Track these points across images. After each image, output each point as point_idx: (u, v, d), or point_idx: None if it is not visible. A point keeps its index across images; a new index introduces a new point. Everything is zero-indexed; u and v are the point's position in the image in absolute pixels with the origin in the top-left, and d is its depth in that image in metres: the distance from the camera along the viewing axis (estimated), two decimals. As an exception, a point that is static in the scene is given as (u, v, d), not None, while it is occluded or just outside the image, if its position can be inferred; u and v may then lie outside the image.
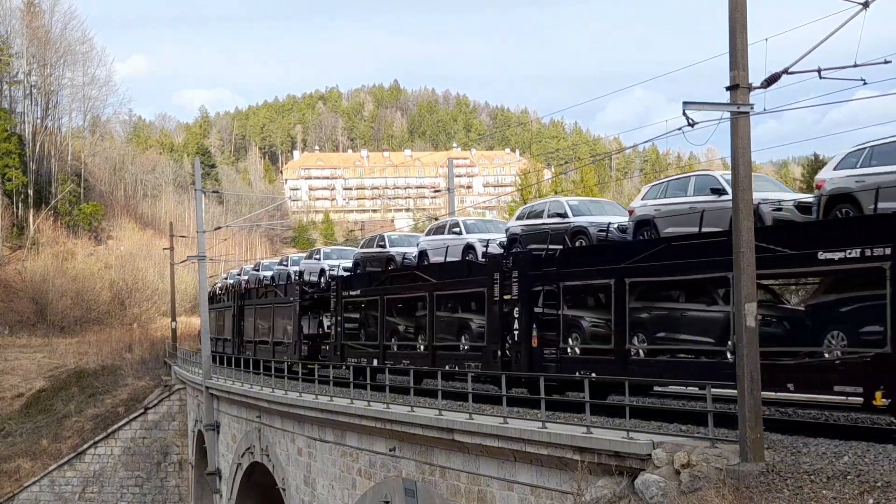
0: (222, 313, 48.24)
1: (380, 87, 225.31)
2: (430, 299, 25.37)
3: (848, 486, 11.39)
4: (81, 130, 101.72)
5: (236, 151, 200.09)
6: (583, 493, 14.72)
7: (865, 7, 12.70)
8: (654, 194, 20.47)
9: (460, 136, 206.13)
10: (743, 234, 13.07)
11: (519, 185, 79.48)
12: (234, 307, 43.92)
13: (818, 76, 13.08)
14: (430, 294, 25.39)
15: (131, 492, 51.02)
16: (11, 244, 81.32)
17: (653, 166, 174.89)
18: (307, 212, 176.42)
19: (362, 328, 29.96)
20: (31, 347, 65.19)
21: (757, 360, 13.07)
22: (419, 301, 26.56)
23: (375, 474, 23.00)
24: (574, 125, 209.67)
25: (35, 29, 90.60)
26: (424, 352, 25.83)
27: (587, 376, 17.07)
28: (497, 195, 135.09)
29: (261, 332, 40.04)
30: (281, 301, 36.94)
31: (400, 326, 27.74)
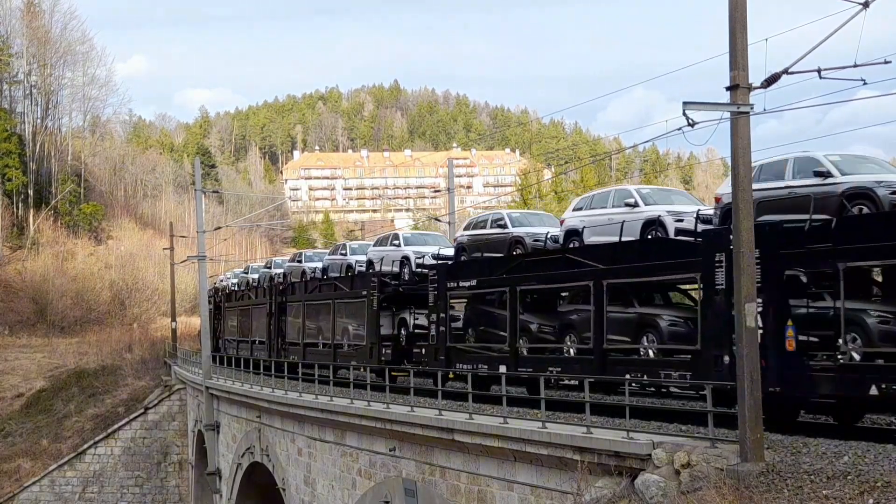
0: (248, 312, 44.18)
1: (380, 87, 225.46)
2: (595, 290, 19.81)
3: (848, 486, 11.39)
4: (81, 130, 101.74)
5: (236, 151, 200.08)
6: (583, 493, 14.72)
7: (865, 7, 12.70)
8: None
9: (460, 136, 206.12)
10: (743, 234, 13.07)
11: (519, 185, 79.50)
12: (271, 304, 39.05)
13: (818, 76, 13.07)
14: (595, 283, 19.84)
15: (131, 492, 51.01)
16: (11, 244, 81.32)
17: (653, 166, 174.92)
18: (307, 212, 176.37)
19: (477, 327, 24.92)
20: (31, 347, 65.19)
21: (757, 359, 13.08)
22: (576, 292, 21.64)
23: (375, 474, 22.99)
24: (574, 125, 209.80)
25: (35, 29, 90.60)
26: (585, 356, 20.11)
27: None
28: (497, 195, 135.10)
29: (313, 333, 35.07)
30: (347, 296, 31.71)
31: (538, 325, 22.48)
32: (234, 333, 46.74)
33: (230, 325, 48.12)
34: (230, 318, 48.35)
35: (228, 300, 49.57)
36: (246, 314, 44.48)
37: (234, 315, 47.36)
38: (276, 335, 38.28)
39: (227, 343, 48.20)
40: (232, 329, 47.51)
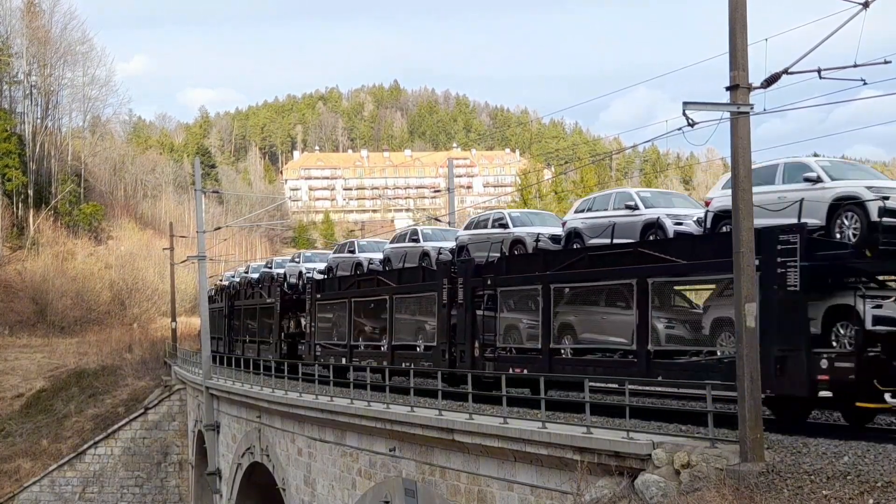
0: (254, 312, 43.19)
1: (380, 87, 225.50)
2: None
3: (848, 486, 11.39)
4: (81, 130, 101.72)
5: (236, 151, 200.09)
6: (583, 494, 14.72)
7: (865, 7, 12.70)
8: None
9: (460, 136, 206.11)
10: (743, 234, 13.07)
11: (519, 185, 79.51)
12: (311, 302, 33.70)
13: (818, 76, 13.07)
14: None
15: (131, 492, 51.00)
16: (11, 244, 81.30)
17: (653, 166, 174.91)
18: (307, 212, 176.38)
19: None
20: (31, 347, 65.17)
21: (757, 359, 13.08)
22: None
23: (375, 474, 23.00)
24: (574, 125, 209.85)
25: (35, 29, 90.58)
26: None
27: None
28: (497, 195, 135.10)
29: (363, 334, 30.34)
30: (413, 290, 26.89)
31: None
32: (244, 333, 44.98)
33: (246, 325, 45.01)
34: (241, 317, 45.86)
35: (237, 298, 47.37)
36: (252, 314, 43.01)
37: (243, 314, 45.41)
38: (310, 336, 33.70)
39: (239, 343, 45.75)
40: (249, 328, 44.26)
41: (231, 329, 47.26)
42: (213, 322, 48.85)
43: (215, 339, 48.57)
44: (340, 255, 34.46)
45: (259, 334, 41.25)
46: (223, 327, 47.87)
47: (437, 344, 24.50)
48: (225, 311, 47.76)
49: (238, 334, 45.83)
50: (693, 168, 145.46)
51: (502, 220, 24.98)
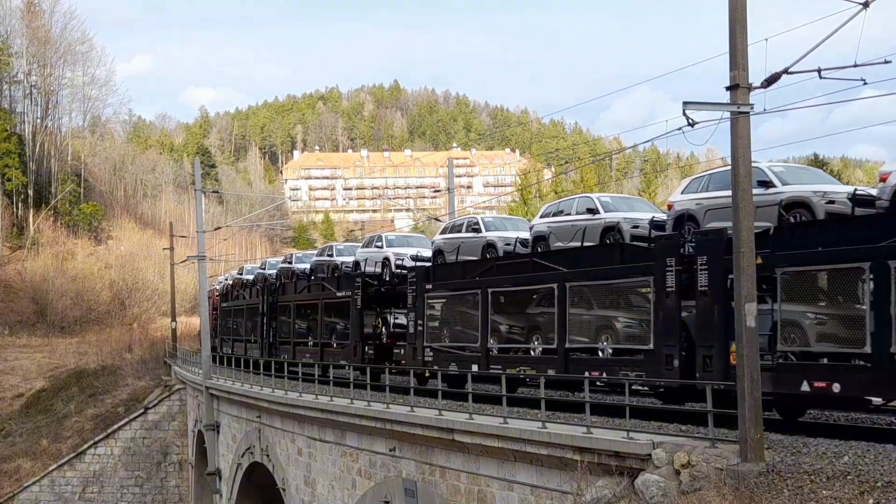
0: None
1: (380, 87, 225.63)
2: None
3: (848, 486, 11.39)
4: (81, 130, 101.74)
5: (236, 151, 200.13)
6: (583, 493, 14.72)
7: (865, 7, 12.70)
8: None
9: (460, 136, 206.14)
10: (743, 234, 13.07)
11: (519, 185, 79.51)
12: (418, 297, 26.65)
13: (818, 76, 13.07)
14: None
15: (131, 492, 51.01)
16: (11, 244, 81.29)
17: (653, 166, 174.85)
18: (307, 212, 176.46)
19: None
20: (31, 347, 65.17)
21: (757, 359, 13.08)
22: None
23: (375, 474, 23.00)
24: (574, 125, 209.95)
25: (35, 29, 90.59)
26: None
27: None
28: (497, 195, 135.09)
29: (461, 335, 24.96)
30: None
31: None
32: (297, 335, 37.44)
33: (300, 324, 37.53)
34: (292, 315, 37.87)
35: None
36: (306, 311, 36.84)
37: (295, 313, 37.43)
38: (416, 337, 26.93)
39: (288, 347, 38.88)
40: (306, 329, 36.93)
41: (273, 330, 39.22)
42: (230, 322, 48.28)
43: (232, 341, 46.76)
44: (456, 236, 27.66)
45: (324, 335, 33.53)
46: (258, 328, 40.49)
47: (655, 347, 17.68)
48: (262, 310, 39.89)
49: (286, 336, 37.87)
50: (693, 168, 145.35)
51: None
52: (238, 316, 46.39)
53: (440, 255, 27.12)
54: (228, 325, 48.85)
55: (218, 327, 50.65)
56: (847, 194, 16.10)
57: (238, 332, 46.05)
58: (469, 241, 26.43)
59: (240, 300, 46.39)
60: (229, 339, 47.91)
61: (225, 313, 50.33)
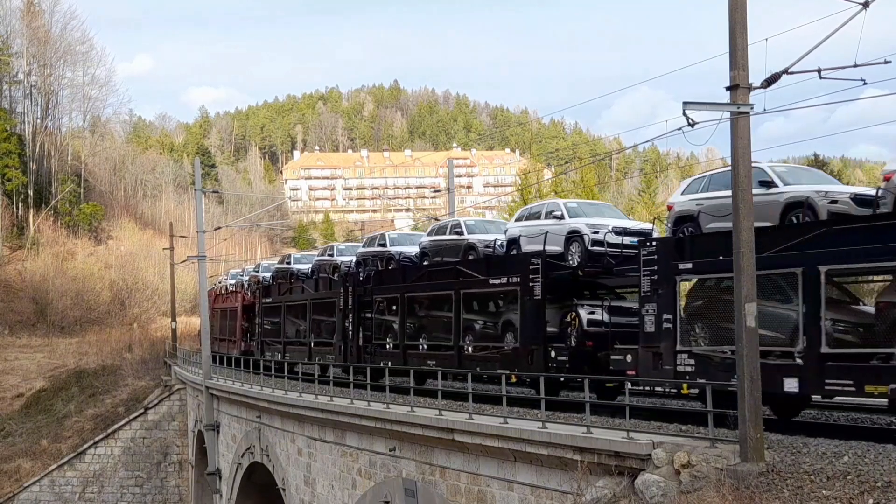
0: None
1: (380, 87, 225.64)
2: None
3: (848, 486, 11.39)
4: (81, 130, 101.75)
5: (236, 151, 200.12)
6: (583, 493, 14.72)
7: (865, 7, 12.70)
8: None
9: (460, 136, 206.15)
10: (743, 234, 13.06)
11: (519, 185, 79.50)
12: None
13: (818, 76, 13.07)
14: None
15: (131, 492, 51.02)
16: (11, 244, 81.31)
17: (653, 166, 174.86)
18: (307, 212, 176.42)
19: None
20: (31, 347, 65.18)
21: (757, 359, 13.08)
22: None
23: (375, 474, 23.00)
24: (574, 125, 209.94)
25: (35, 29, 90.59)
26: None
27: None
28: (497, 195, 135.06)
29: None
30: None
31: None
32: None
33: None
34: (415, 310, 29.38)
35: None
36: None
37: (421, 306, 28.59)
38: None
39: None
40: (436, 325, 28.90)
41: (364, 330, 30.36)
42: (282, 322, 38.30)
43: (285, 344, 37.86)
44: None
45: (467, 336, 24.92)
46: (339, 328, 31.65)
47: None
48: (344, 305, 31.01)
49: (389, 337, 28.96)
50: (693, 168, 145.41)
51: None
52: (296, 314, 36.78)
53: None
54: (278, 326, 38.97)
55: (257, 328, 42.04)
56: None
57: (296, 333, 36.89)
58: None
59: (296, 295, 37.04)
60: (278, 342, 38.75)
61: (270, 311, 40.03)
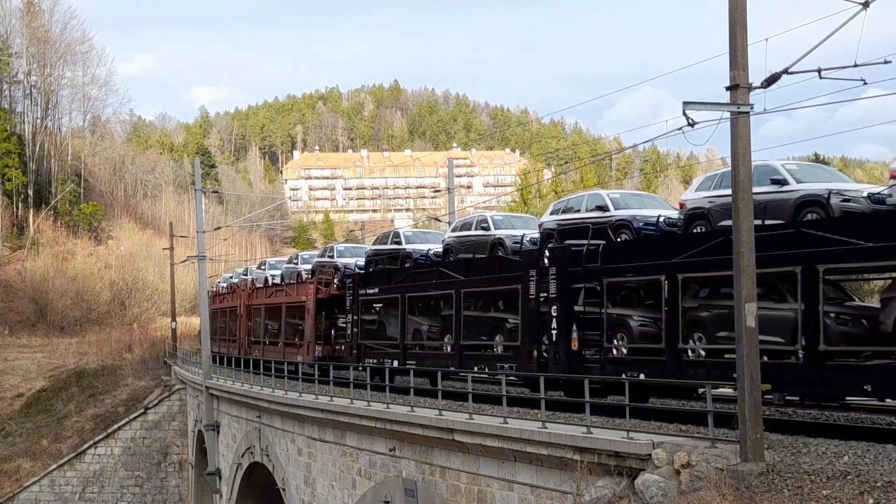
0: None
1: (380, 87, 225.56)
2: None
3: (848, 486, 11.39)
4: (81, 130, 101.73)
5: (236, 151, 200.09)
6: (583, 493, 14.72)
7: (865, 7, 12.69)
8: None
9: (460, 136, 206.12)
10: (743, 234, 13.06)
11: (519, 185, 79.53)
12: None
13: (818, 76, 13.07)
14: None
15: (131, 492, 51.02)
16: (11, 244, 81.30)
17: (653, 166, 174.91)
18: (307, 212, 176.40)
19: None
20: (31, 347, 65.18)
21: (757, 359, 13.08)
22: None
23: (375, 474, 22.99)
24: (574, 125, 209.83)
25: (35, 29, 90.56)
26: None
27: None
28: (497, 195, 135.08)
29: None
30: None
31: None
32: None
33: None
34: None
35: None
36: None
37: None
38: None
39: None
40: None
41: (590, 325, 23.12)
42: (402, 320, 28.39)
43: (417, 350, 27.63)
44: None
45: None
46: (531, 326, 22.66)
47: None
48: (551, 294, 21.51)
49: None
50: (693, 168, 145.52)
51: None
52: (429, 308, 27.75)
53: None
54: (386, 324, 29.73)
55: (350, 329, 30.92)
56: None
57: (428, 333, 27.59)
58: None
59: (426, 281, 27.32)
60: (389, 346, 28.93)
61: (370, 305, 30.40)
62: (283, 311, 38.00)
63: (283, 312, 37.96)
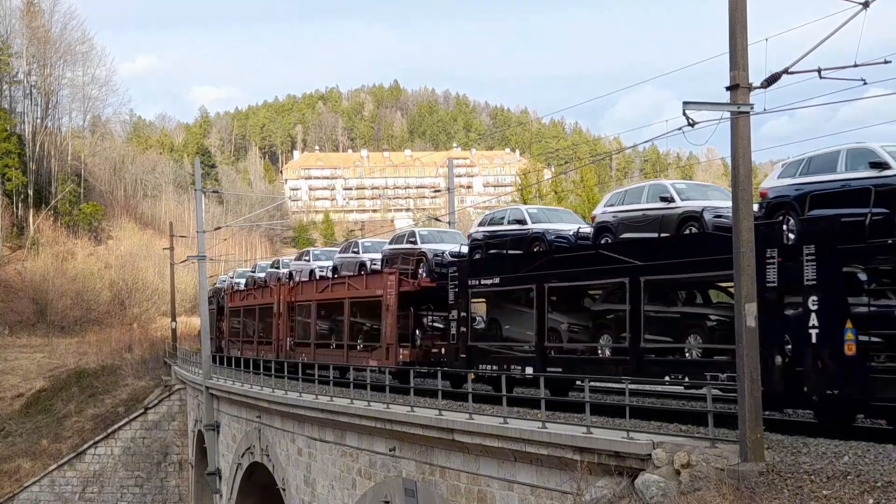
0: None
1: (380, 87, 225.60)
2: None
3: (848, 486, 11.39)
4: (81, 130, 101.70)
5: (236, 151, 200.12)
6: (583, 493, 14.71)
7: (865, 7, 12.69)
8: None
9: (460, 136, 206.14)
10: (743, 234, 13.06)
11: (519, 185, 79.51)
12: None
13: (818, 76, 13.07)
14: None
15: (131, 492, 51.01)
16: (11, 244, 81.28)
17: (653, 166, 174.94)
18: (307, 212, 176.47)
19: None
20: (31, 347, 65.17)
21: (757, 359, 13.07)
22: None
23: (375, 474, 22.99)
24: (574, 125, 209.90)
25: (35, 29, 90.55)
26: None
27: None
28: (497, 195, 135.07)
29: None
30: None
31: None
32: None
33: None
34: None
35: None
36: None
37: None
38: None
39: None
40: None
41: None
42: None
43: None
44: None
45: None
46: None
47: None
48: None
49: None
50: (693, 168, 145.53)
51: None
52: (566, 305, 22.27)
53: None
54: (506, 323, 24.18)
55: (463, 326, 24.30)
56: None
57: (571, 332, 22.08)
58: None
59: (578, 270, 21.17)
60: (502, 347, 23.58)
61: (480, 298, 25.19)
62: (347, 307, 31.92)
63: (347, 309, 31.90)
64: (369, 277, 30.68)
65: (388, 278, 28.63)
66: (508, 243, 23.16)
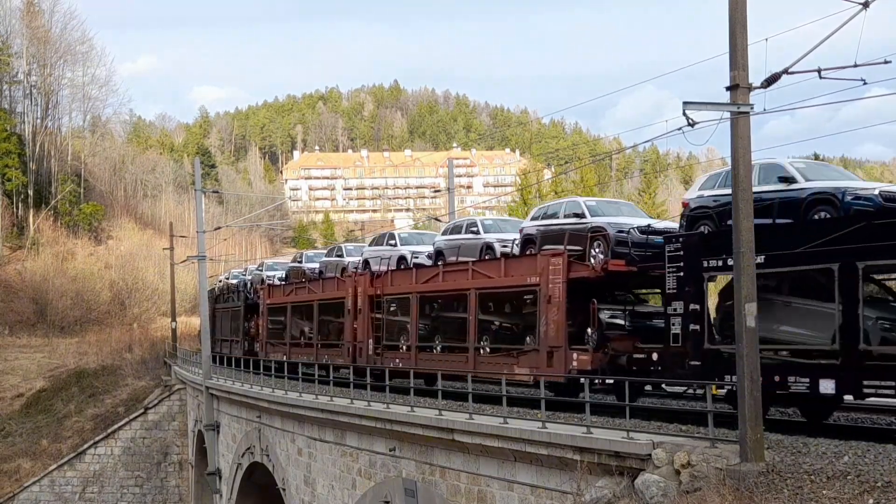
0: None
1: (380, 87, 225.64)
2: None
3: (848, 486, 11.39)
4: (81, 130, 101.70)
5: (236, 151, 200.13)
6: (583, 493, 14.71)
7: (865, 7, 12.69)
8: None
9: (460, 136, 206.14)
10: (743, 234, 13.06)
11: (519, 185, 79.51)
12: None
13: (818, 76, 13.07)
14: None
15: (131, 492, 51.01)
16: (11, 244, 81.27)
17: (653, 166, 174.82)
18: (307, 212, 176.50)
19: None
20: (31, 347, 65.17)
21: (757, 359, 13.07)
22: None
23: (375, 474, 22.99)
24: (574, 125, 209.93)
25: (35, 29, 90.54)
26: None
27: None
28: (497, 195, 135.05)
29: None
30: None
31: None
32: None
33: None
34: None
35: None
36: None
37: None
38: None
39: None
40: None
41: None
42: None
43: None
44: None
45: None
46: None
47: None
48: None
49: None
50: (693, 168, 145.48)
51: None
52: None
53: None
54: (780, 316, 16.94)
55: (695, 322, 17.76)
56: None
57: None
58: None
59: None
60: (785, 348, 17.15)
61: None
62: (474, 300, 24.74)
63: (475, 303, 24.76)
64: (516, 262, 23.77)
65: (552, 261, 21.70)
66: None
